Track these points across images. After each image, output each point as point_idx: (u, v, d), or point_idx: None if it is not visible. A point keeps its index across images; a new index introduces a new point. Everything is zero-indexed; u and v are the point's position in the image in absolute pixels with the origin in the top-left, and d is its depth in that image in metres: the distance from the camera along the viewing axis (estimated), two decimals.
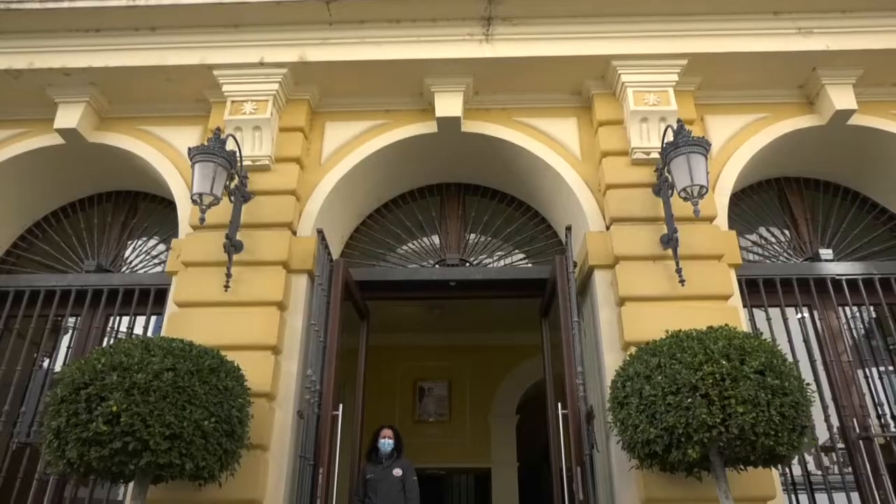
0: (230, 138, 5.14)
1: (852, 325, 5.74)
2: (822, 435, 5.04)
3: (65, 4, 5.67)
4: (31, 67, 5.71)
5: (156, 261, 6.20)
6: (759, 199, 6.28)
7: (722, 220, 5.35)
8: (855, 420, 5.09)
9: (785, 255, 6.02)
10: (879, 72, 5.68)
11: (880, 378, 5.45)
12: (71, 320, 5.79)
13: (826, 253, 5.87)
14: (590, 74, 5.71)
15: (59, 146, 5.97)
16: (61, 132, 5.83)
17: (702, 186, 4.63)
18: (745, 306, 5.30)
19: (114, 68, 5.71)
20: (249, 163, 5.41)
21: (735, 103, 5.87)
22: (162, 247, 6.25)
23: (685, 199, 4.70)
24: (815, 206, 6.26)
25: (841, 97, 5.60)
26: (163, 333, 4.90)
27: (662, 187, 5.02)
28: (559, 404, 4.92)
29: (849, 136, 5.83)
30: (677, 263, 4.79)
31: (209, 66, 5.64)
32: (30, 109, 6.03)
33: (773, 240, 6.11)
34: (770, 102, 5.88)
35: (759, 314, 5.43)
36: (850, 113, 5.61)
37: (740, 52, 5.54)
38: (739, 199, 6.09)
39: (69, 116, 5.79)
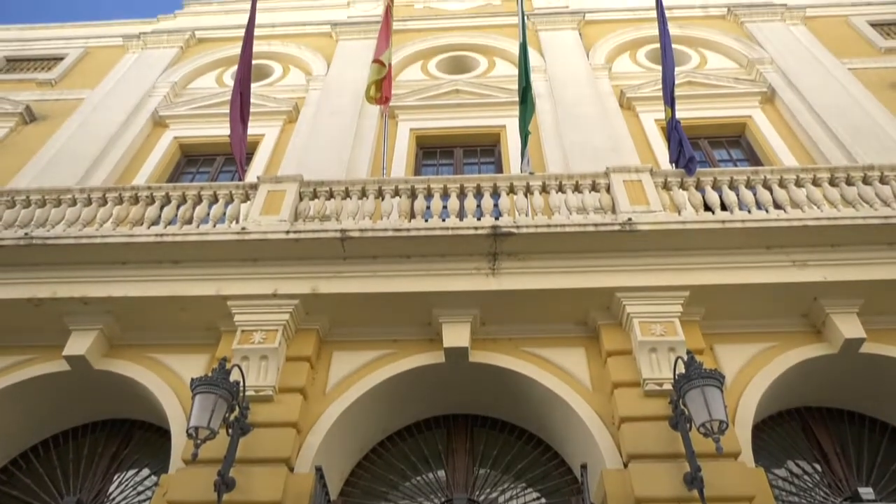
0: (235, 368, 5.10)
1: None
2: None
3: (97, 240, 6.06)
4: (54, 297, 5.92)
5: (142, 497, 5.79)
6: (782, 430, 5.99)
7: (747, 455, 5.06)
8: None
9: (820, 492, 5.56)
10: (881, 301, 5.78)
11: None
12: None
13: (866, 492, 5.43)
14: (595, 305, 5.83)
15: (64, 373, 5.95)
16: (69, 359, 5.84)
17: (721, 421, 4.44)
18: None
19: (132, 298, 5.91)
20: (252, 393, 5.29)
21: (742, 332, 5.89)
22: (152, 479, 5.90)
23: (705, 434, 4.49)
24: (844, 438, 5.95)
25: (848, 326, 5.64)
26: None
27: (679, 421, 4.82)
28: None
29: (864, 365, 5.74)
30: None
31: (224, 297, 5.83)
32: (41, 336, 6.11)
33: (804, 476, 5.70)
34: (777, 331, 5.91)
35: None
36: (860, 341, 5.59)
37: (738, 283, 5.73)
38: (761, 430, 5.82)
39: (80, 344, 5.85)
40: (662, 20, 8.19)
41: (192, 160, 9.89)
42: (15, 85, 11.50)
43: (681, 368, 4.86)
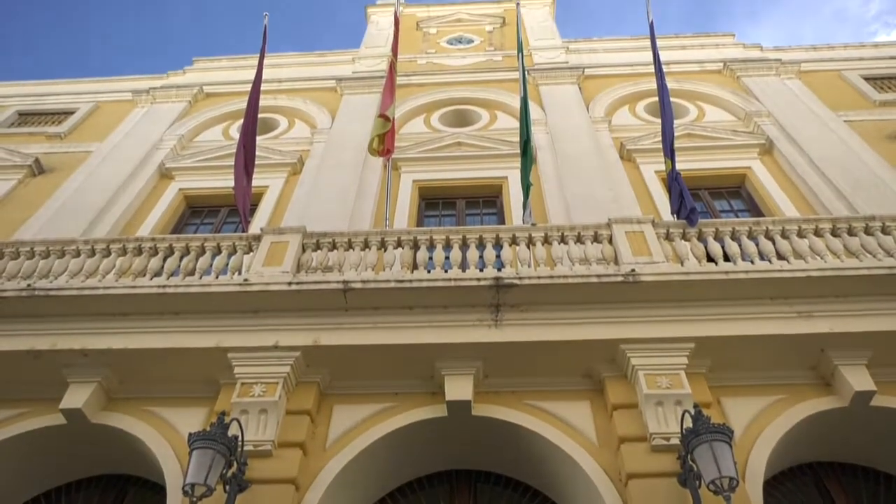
0: (234, 422, 5.01)
1: None
2: None
3: (99, 291, 6.05)
4: (53, 348, 5.87)
5: None
6: (794, 487, 5.82)
7: None
8: None
9: None
10: (890, 353, 5.68)
11: None
12: None
13: None
14: (599, 357, 5.76)
15: (60, 427, 5.83)
16: (66, 412, 5.74)
17: (731, 478, 4.33)
18: None
19: (132, 350, 5.86)
20: (251, 447, 5.17)
21: (750, 385, 5.79)
22: None
23: (715, 492, 4.38)
24: (859, 495, 5.78)
25: (857, 378, 5.54)
26: None
27: (688, 478, 4.69)
28: None
29: (875, 418, 5.62)
30: None
31: (224, 349, 5.77)
32: (38, 388, 6.01)
33: None
34: (785, 383, 5.80)
35: None
36: (870, 394, 5.48)
37: (743, 335, 5.66)
38: (773, 487, 5.66)
39: (77, 397, 5.76)
40: (660, 74, 8.39)
41: (197, 211, 9.98)
42: (26, 138, 11.73)
43: (688, 423, 4.76)
